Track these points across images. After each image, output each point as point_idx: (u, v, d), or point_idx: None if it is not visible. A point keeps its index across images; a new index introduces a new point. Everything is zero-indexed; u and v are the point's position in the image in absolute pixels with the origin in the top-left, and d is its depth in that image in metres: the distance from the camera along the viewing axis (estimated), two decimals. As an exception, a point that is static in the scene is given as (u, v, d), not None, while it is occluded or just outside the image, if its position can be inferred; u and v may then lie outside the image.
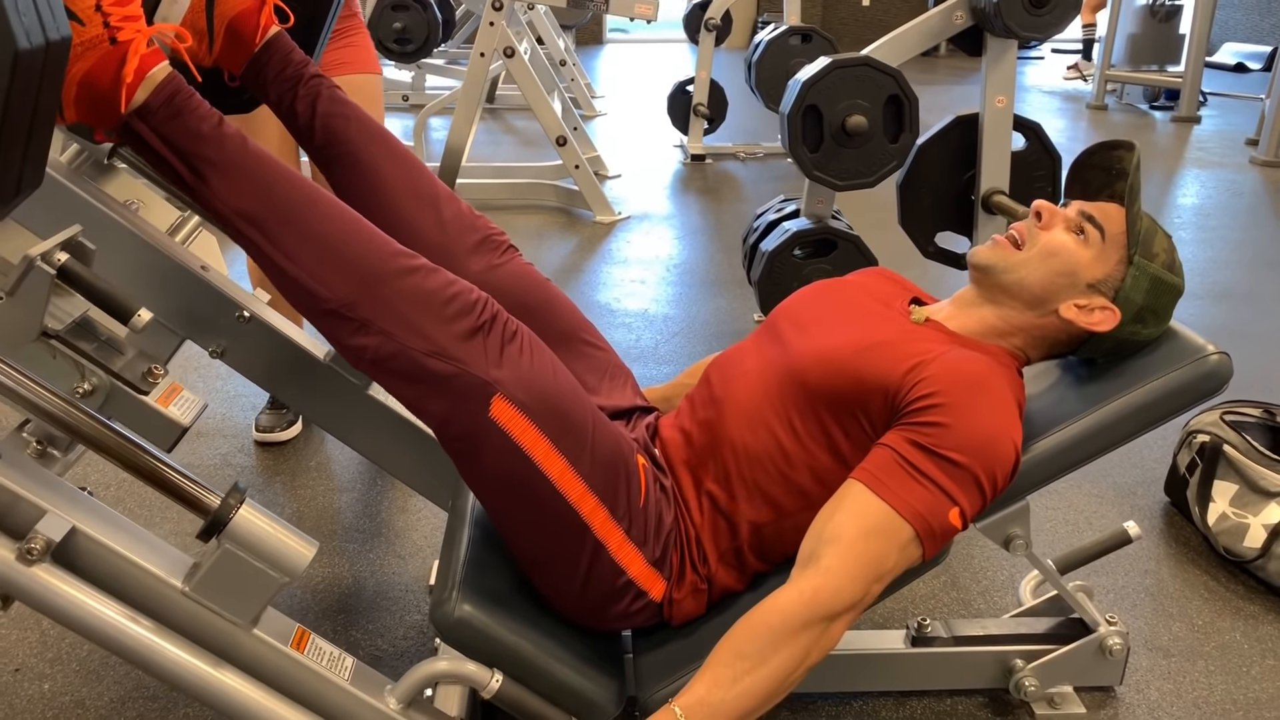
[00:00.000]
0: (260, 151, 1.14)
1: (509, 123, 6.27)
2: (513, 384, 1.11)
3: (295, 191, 1.13)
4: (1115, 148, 1.33)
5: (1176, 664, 1.59)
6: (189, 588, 1.03)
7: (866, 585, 1.06)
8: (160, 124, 1.10)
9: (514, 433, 1.11)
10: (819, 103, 2.39)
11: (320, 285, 1.10)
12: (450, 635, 1.19)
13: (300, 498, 2.02)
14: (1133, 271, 1.24)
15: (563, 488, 1.15)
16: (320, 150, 1.41)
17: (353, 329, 1.10)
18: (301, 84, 1.38)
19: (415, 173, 1.42)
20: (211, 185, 1.12)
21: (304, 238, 1.11)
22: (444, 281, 1.12)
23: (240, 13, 1.31)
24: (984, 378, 1.15)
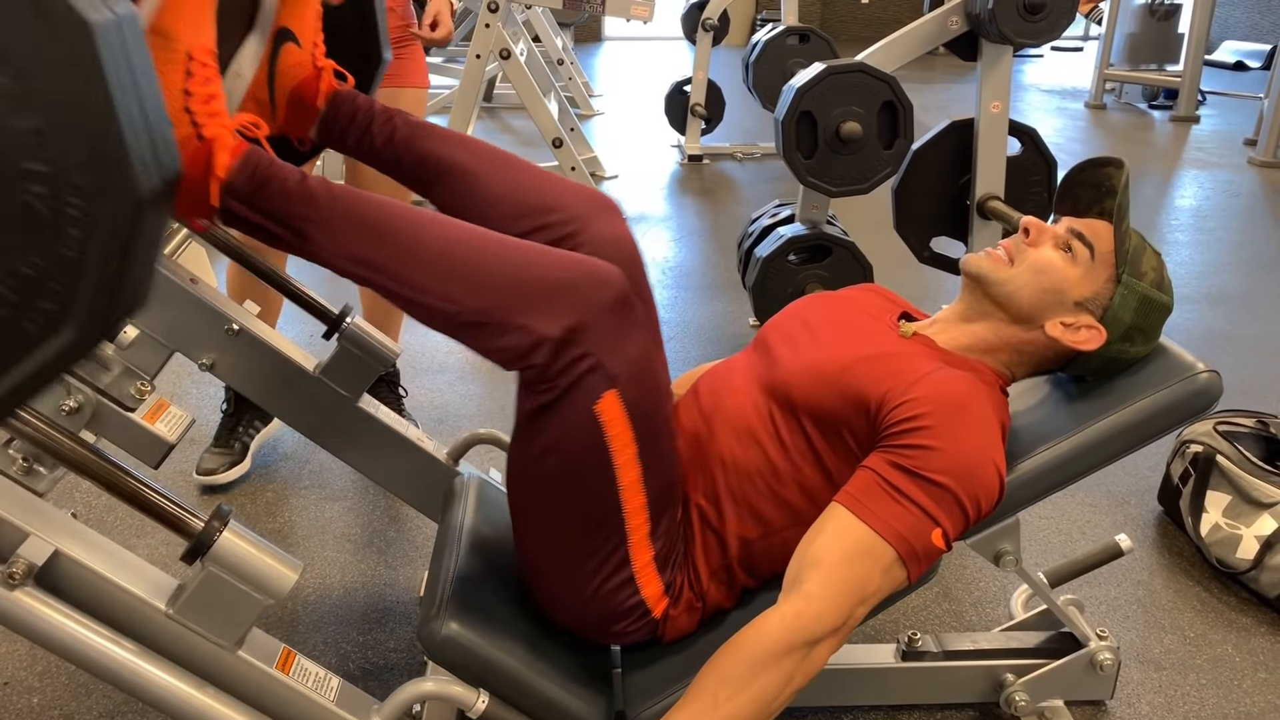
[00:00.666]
0: (347, 191, 1.12)
1: (506, 122, 6.26)
2: (631, 389, 1.09)
3: (395, 219, 1.10)
4: (1105, 165, 1.33)
5: (1168, 677, 1.59)
6: (173, 610, 1.03)
7: (849, 609, 1.06)
8: (250, 198, 1.08)
9: (610, 432, 1.10)
10: (813, 109, 2.38)
11: (449, 302, 1.08)
12: (437, 654, 1.19)
13: (292, 506, 2.01)
14: (1121, 290, 1.24)
15: (625, 499, 1.14)
16: (414, 175, 1.37)
17: (489, 334, 1.08)
18: (375, 124, 1.36)
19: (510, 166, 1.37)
20: (316, 241, 1.10)
21: (420, 263, 1.09)
22: (570, 263, 1.09)
23: (301, 82, 1.30)
24: (968, 400, 1.14)
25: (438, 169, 1.33)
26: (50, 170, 0.69)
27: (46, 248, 0.70)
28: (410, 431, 1.64)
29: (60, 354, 0.73)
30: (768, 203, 3.01)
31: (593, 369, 1.06)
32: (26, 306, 0.71)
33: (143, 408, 1.29)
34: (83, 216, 0.70)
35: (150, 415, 1.29)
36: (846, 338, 1.27)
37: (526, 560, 1.24)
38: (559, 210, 1.29)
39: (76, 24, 0.66)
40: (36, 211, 0.69)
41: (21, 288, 0.71)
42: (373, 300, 2.21)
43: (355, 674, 1.57)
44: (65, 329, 0.72)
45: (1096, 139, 5.99)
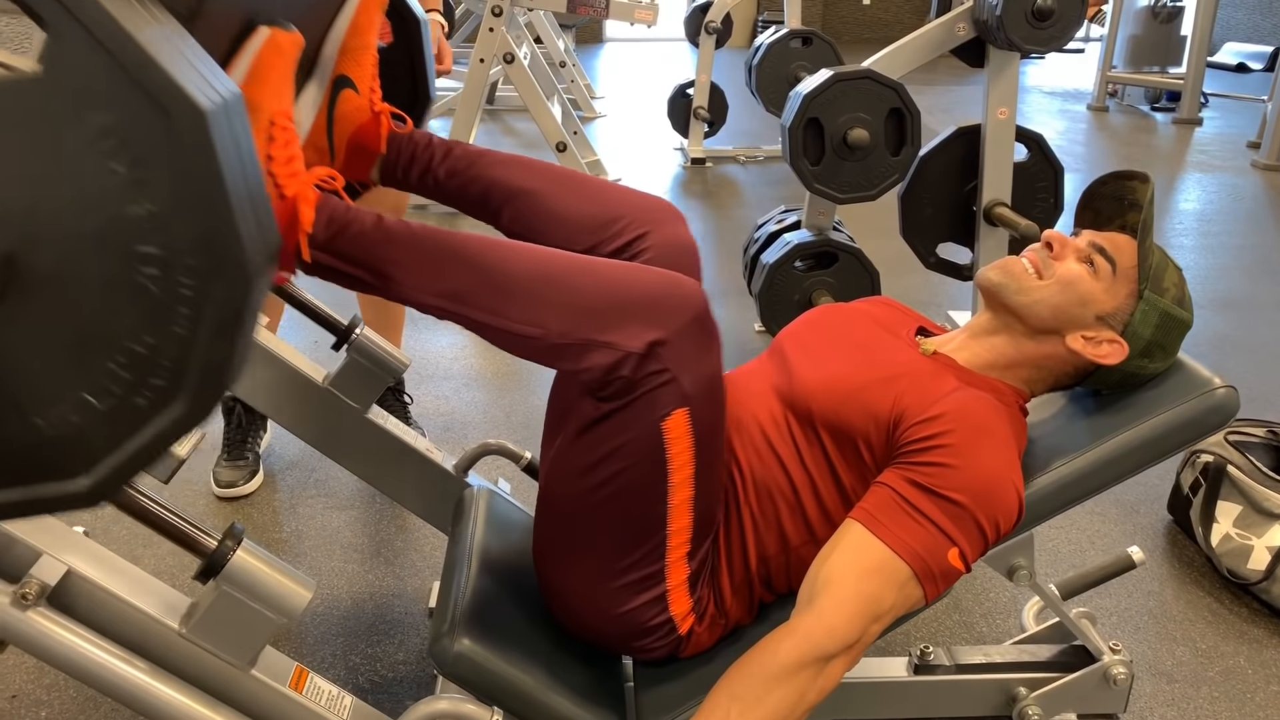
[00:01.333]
0: (423, 228, 1.11)
1: (508, 124, 6.26)
2: (700, 408, 1.09)
3: (473, 250, 1.10)
4: (1129, 178, 1.32)
5: (1180, 690, 1.58)
6: (186, 629, 1.02)
7: (863, 625, 1.05)
8: (328, 244, 1.08)
9: (672, 450, 1.09)
10: (820, 115, 2.38)
11: (537, 327, 1.06)
12: (449, 671, 1.18)
13: (299, 516, 2.01)
14: (1142, 306, 1.23)
15: (672, 518, 1.13)
16: (480, 204, 1.36)
17: (576, 354, 1.06)
18: (435, 160, 1.35)
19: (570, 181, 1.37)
20: (400, 281, 1.09)
21: (506, 291, 1.08)
22: (650, 279, 1.09)
23: (360, 127, 1.30)
24: (988, 421, 1.13)
25: (503, 195, 1.32)
26: (163, 253, 0.70)
27: (158, 327, 0.72)
28: (419, 443, 1.63)
29: (170, 428, 0.75)
30: (771, 206, 3.00)
31: (668, 384, 1.05)
32: (139, 383, 0.73)
33: (153, 422, 1.28)
34: (194, 296, 0.71)
35: (160, 429, 1.28)
36: (867, 354, 1.26)
37: (551, 569, 1.23)
38: (623, 218, 1.28)
39: (192, 112, 0.66)
40: (149, 293, 0.71)
41: (134, 365, 0.73)
42: (372, 309, 2.20)
43: (364, 687, 1.56)
44: (175, 404, 0.74)
45: (1099, 142, 5.99)
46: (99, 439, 0.75)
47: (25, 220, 0.69)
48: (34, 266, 0.70)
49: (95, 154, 0.67)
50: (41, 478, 0.77)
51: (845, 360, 1.26)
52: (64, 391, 0.73)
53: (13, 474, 0.77)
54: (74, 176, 0.68)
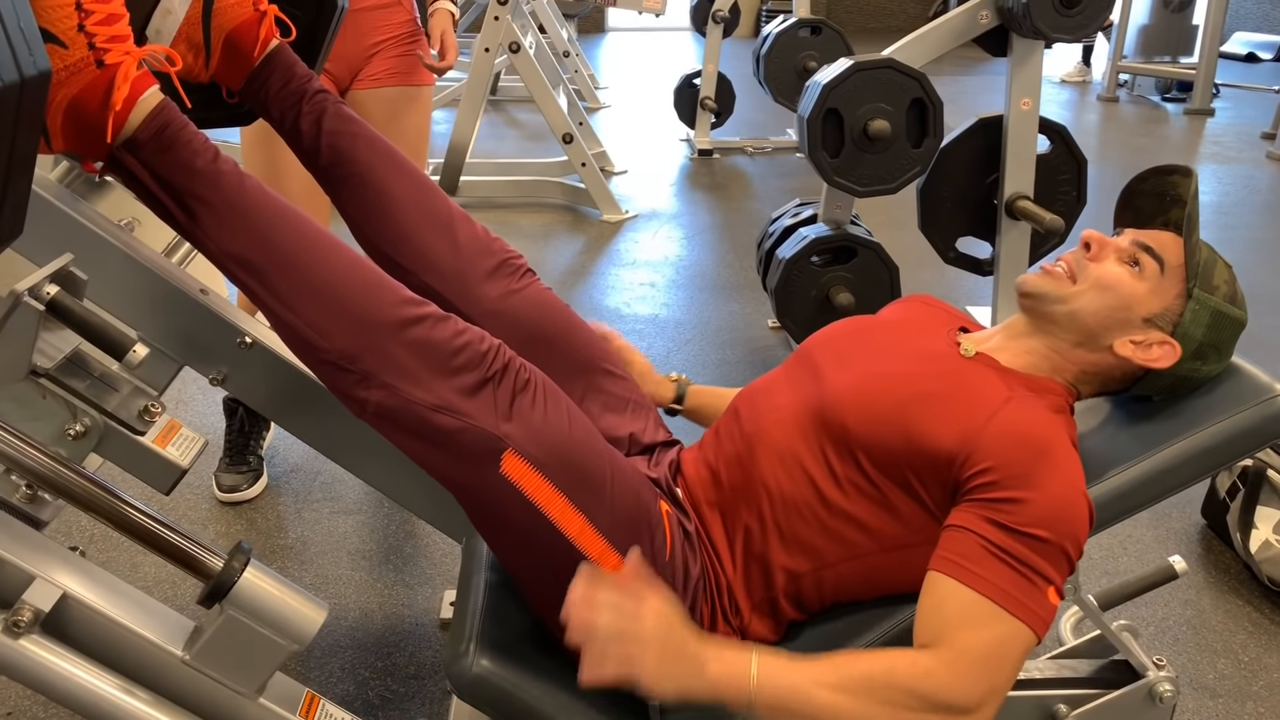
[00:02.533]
0: (258, 190, 1.06)
1: (512, 115, 6.18)
2: (524, 438, 1.04)
3: (294, 233, 1.05)
4: (1170, 172, 1.25)
5: (1224, 705, 1.52)
6: (190, 656, 0.96)
7: (984, 692, 0.96)
8: (150, 157, 1.02)
9: (527, 490, 1.04)
10: (840, 106, 2.30)
11: (320, 336, 1.02)
12: (468, 693, 1.12)
13: (304, 521, 1.94)
14: (1192, 305, 1.16)
15: (581, 545, 1.08)
16: (326, 170, 1.33)
17: (354, 381, 1.03)
18: (305, 100, 1.30)
19: (427, 193, 1.34)
20: (204, 225, 1.04)
21: (303, 285, 1.03)
22: (452, 331, 1.05)
23: (239, 25, 1.22)
24: (1046, 436, 1.07)
25: (353, 177, 1.29)
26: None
27: None
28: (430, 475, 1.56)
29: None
30: (780, 199, 2.94)
31: (472, 432, 1.01)
32: None
33: (153, 430, 1.21)
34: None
35: (161, 439, 1.21)
36: (903, 363, 1.19)
37: (538, 612, 1.18)
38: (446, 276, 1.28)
39: None
40: None
41: None
42: None
43: (375, 703, 1.50)
44: None
45: (1110, 133, 5.91)
46: None
47: None
48: None
49: None
50: None
51: (879, 372, 1.19)
52: None
53: None
54: None
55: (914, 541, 1.11)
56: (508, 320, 1.30)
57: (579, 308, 1.44)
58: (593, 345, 1.38)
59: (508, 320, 1.30)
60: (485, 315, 1.30)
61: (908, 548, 1.11)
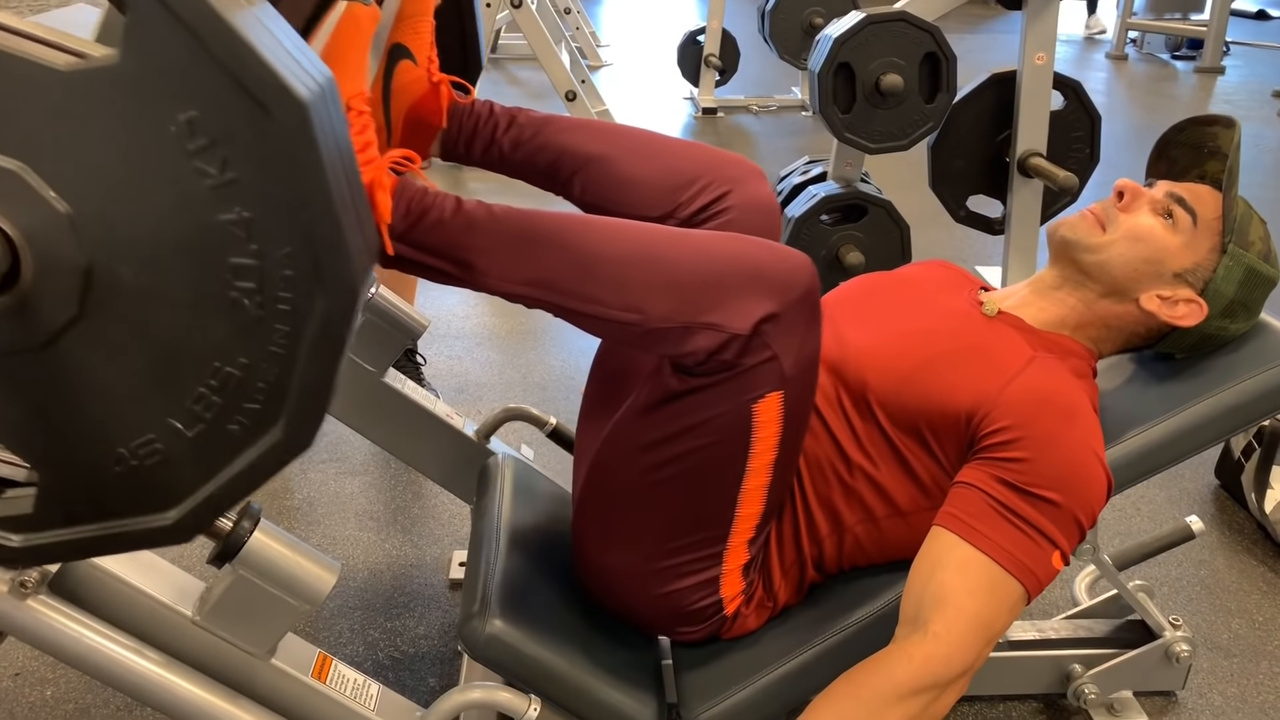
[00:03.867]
0: (505, 210, 1.01)
1: (512, 74, 6.09)
2: (794, 393, 0.99)
3: (559, 231, 0.99)
4: (1210, 123, 1.22)
5: (1239, 665, 1.51)
6: (200, 616, 0.95)
7: (979, 650, 0.97)
8: (406, 234, 0.98)
9: (759, 434, 1.00)
10: (851, 60, 2.25)
11: (634, 312, 0.96)
12: (481, 654, 1.11)
13: (310, 482, 1.93)
14: (1226, 261, 1.14)
15: (742, 502, 1.05)
16: (549, 174, 1.25)
17: (676, 338, 0.96)
18: (499, 131, 1.24)
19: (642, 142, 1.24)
20: (484, 270, 0.99)
21: (597, 274, 0.98)
22: (745, 253, 0.98)
23: (418, 100, 1.18)
24: (1067, 400, 1.04)
25: (573, 163, 1.21)
26: (259, 263, 0.61)
27: (253, 346, 0.64)
28: (438, 407, 1.54)
29: (267, 456, 0.68)
30: (787, 157, 2.89)
31: (768, 363, 0.95)
32: (231, 408, 0.66)
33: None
34: (294, 310, 0.63)
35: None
36: (925, 321, 1.17)
37: (594, 546, 1.15)
38: (700, 179, 1.17)
39: (292, 104, 0.57)
40: (243, 308, 0.63)
41: (226, 388, 0.65)
42: None
43: (385, 663, 1.49)
44: (273, 430, 0.67)
45: (1119, 91, 5.84)
46: (188, 469, 0.68)
47: (104, 229, 0.61)
48: (115, 280, 0.62)
49: (180, 154, 0.59)
50: (126, 511, 0.70)
51: (902, 331, 1.16)
52: (149, 418, 0.66)
53: (95, 507, 0.70)
54: (157, 179, 0.59)
55: (930, 506, 1.09)
56: None
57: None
58: None
59: None
60: None
61: (924, 512, 1.09)
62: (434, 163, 1.29)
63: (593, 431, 1.14)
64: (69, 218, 0.60)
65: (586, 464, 1.12)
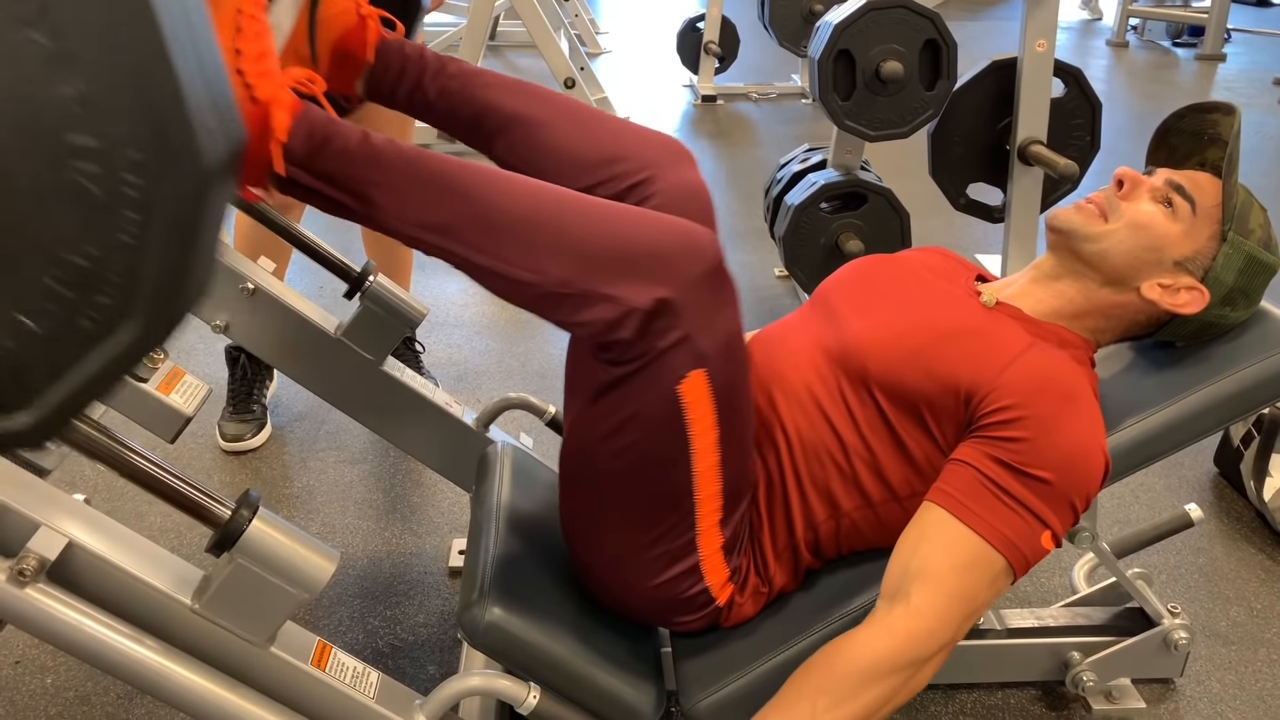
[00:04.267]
0: (415, 151, 1.00)
1: (511, 61, 6.07)
2: (717, 366, 0.99)
3: (469, 180, 0.98)
4: (1210, 110, 1.21)
5: (1237, 652, 1.52)
6: (199, 605, 0.94)
7: (959, 625, 0.98)
8: (308, 160, 0.96)
9: (691, 415, 1.00)
10: (851, 47, 2.25)
11: (533, 272, 0.96)
12: (480, 641, 1.11)
13: (310, 470, 1.93)
14: (1226, 249, 1.13)
15: (699, 485, 1.05)
16: (472, 129, 1.24)
17: (572, 306, 0.96)
18: (427, 75, 1.22)
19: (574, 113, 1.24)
20: (384, 207, 0.98)
21: (501, 228, 0.97)
22: (657, 228, 0.98)
23: (345, 32, 1.17)
24: (1068, 383, 1.04)
25: (499, 121, 1.20)
26: (101, 144, 0.58)
27: (101, 235, 0.60)
28: (438, 396, 1.54)
29: (122, 353, 0.64)
30: (786, 145, 2.89)
31: (680, 344, 0.95)
32: (81, 302, 0.62)
33: (156, 377, 1.19)
34: (141, 196, 0.60)
35: (164, 386, 1.19)
36: (925, 306, 1.17)
37: (579, 542, 1.15)
38: (629, 158, 1.17)
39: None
40: (87, 193, 0.59)
41: (74, 281, 0.61)
42: (378, 249, 2.08)
43: (384, 651, 1.49)
44: (127, 325, 0.63)
45: (1119, 78, 5.82)
46: (39, 367, 0.64)
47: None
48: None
49: (9, 20, 0.55)
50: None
51: (901, 315, 1.16)
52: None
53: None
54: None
55: (926, 490, 1.09)
56: None
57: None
58: None
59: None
60: None
61: (919, 496, 1.09)
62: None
63: (567, 424, 1.15)
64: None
65: None
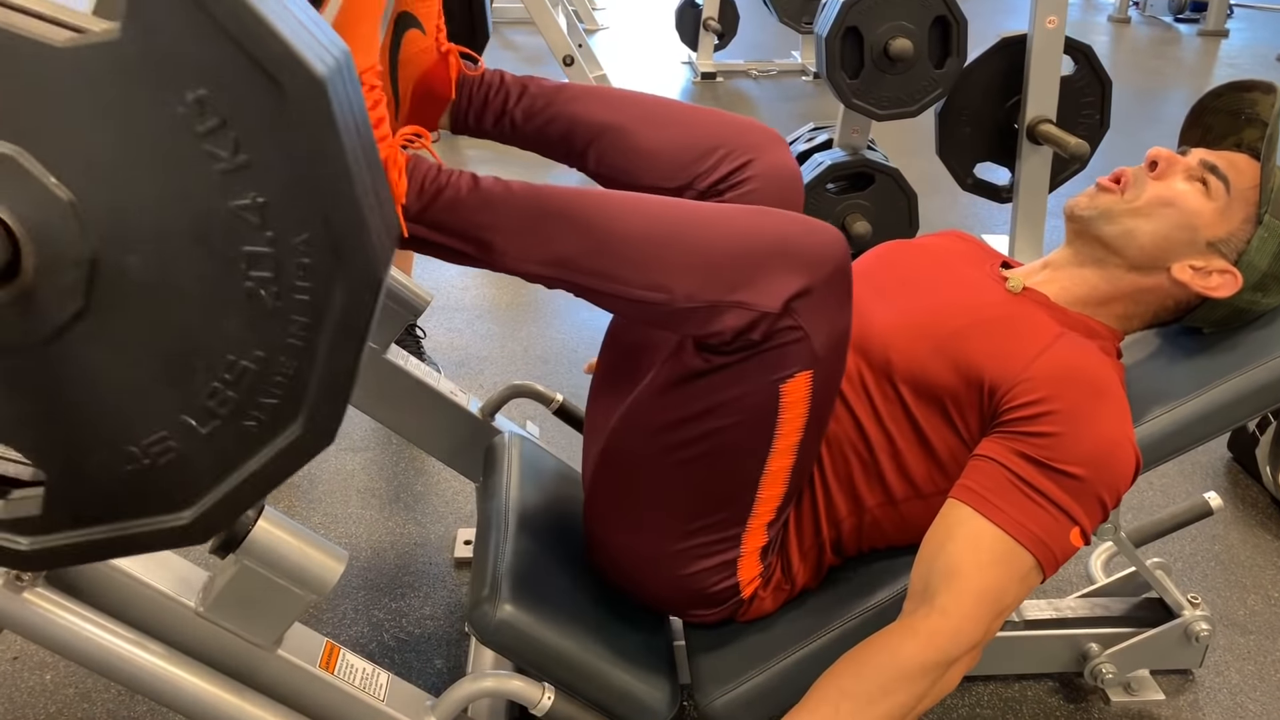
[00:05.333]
0: (523, 186, 0.97)
1: (507, 38, 6.00)
2: (824, 372, 0.95)
3: (581, 209, 0.95)
4: (1249, 89, 1.17)
5: (1255, 642, 1.50)
6: (204, 608, 0.91)
7: (988, 624, 0.95)
8: (423, 215, 0.93)
9: (785, 415, 0.96)
10: (860, 24, 2.20)
11: (659, 291, 0.92)
12: (492, 639, 1.08)
13: (311, 458, 1.89)
14: (1261, 232, 1.10)
15: (764, 484, 1.02)
16: (563, 145, 1.20)
17: (703, 318, 0.92)
18: (510, 101, 1.19)
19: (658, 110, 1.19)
20: (503, 251, 0.95)
21: (620, 252, 0.93)
22: (777, 223, 0.94)
23: (426, 71, 1.13)
24: (1098, 377, 1.01)
25: (587, 133, 1.16)
26: (275, 251, 0.58)
27: (270, 339, 0.60)
28: (442, 384, 1.51)
29: (287, 452, 0.64)
30: (788, 123, 2.84)
31: (798, 342, 0.91)
32: (247, 403, 0.62)
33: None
34: (312, 300, 0.59)
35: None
36: (950, 296, 1.13)
37: (608, 526, 1.12)
38: (720, 147, 1.12)
39: (309, 81, 0.53)
40: (258, 299, 0.59)
41: (241, 383, 0.62)
42: None
43: (390, 645, 1.46)
44: (291, 425, 0.63)
45: (1122, 55, 5.77)
46: (203, 468, 0.65)
47: (110, 217, 0.57)
48: (122, 272, 0.58)
49: (189, 136, 0.55)
50: (138, 512, 0.67)
51: (926, 304, 1.13)
52: (161, 415, 0.63)
53: (106, 508, 0.66)
54: (164, 163, 0.55)
55: (950, 486, 1.06)
56: None
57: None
58: None
59: None
60: None
61: (943, 494, 1.06)
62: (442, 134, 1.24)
63: (605, 409, 1.11)
64: (71, 205, 0.56)
65: (600, 443, 1.09)
